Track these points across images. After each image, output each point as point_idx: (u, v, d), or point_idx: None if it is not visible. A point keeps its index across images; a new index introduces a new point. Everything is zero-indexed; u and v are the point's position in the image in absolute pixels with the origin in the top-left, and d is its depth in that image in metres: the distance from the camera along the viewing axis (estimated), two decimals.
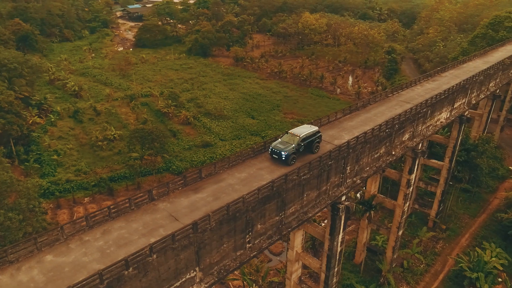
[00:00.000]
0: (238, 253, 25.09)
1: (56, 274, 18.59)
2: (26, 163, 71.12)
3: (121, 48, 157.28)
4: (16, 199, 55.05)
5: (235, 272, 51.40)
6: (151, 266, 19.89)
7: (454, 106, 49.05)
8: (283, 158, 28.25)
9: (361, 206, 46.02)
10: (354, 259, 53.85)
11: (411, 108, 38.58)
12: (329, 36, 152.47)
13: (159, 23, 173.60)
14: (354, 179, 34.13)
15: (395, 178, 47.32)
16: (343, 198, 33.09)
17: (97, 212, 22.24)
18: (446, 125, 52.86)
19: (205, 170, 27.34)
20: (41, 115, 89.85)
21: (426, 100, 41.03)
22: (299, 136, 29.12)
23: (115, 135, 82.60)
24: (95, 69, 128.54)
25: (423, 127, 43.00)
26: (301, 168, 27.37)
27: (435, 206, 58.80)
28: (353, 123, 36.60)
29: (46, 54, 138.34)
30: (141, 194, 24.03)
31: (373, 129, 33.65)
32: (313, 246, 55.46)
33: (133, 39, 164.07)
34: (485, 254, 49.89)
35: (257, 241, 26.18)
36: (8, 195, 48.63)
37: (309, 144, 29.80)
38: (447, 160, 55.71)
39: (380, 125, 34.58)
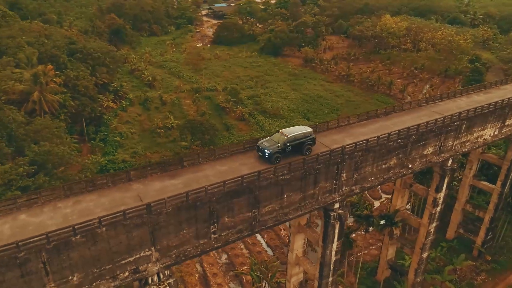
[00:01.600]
0: (201, 242, 25.92)
1: (21, 230, 21.46)
2: (92, 141, 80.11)
3: (200, 44, 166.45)
4: (74, 171, 63.21)
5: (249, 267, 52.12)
6: (100, 237, 21.79)
7: (506, 123, 43.29)
8: (266, 157, 28.17)
9: (380, 220, 43.28)
10: (376, 275, 50.82)
11: (435, 120, 35.24)
12: (408, 41, 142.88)
13: (240, 21, 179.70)
14: (353, 187, 32.48)
15: (421, 194, 43.50)
16: (336, 205, 31.73)
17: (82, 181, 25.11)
18: (495, 143, 46.85)
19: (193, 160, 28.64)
20: (116, 101, 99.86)
21: (460, 113, 37.06)
22: (287, 136, 28.73)
23: (173, 124, 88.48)
24: (172, 62, 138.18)
25: (455, 142, 38.88)
26: (278, 167, 27.11)
27: (482, 233, 52.58)
28: (364, 130, 34.63)
29: (134, 47, 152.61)
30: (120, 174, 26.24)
31: (378, 137, 31.64)
32: None
33: (212, 36, 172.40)
34: None
35: (224, 233, 26.70)
36: (62, 166, 55.79)
37: (299, 145, 29.16)
38: (499, 183, 49.42)
39: (389, 133, 32.34)
